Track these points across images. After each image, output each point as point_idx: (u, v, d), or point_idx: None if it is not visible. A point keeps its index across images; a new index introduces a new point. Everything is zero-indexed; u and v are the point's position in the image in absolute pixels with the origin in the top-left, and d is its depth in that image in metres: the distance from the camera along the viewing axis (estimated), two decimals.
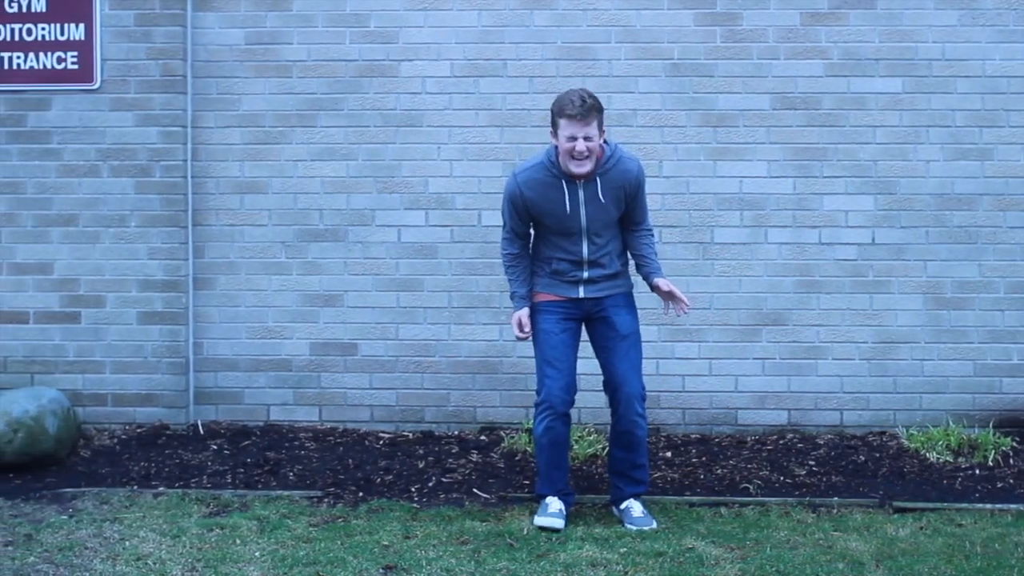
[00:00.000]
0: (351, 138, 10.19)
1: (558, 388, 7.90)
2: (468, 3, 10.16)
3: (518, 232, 8.06)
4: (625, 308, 8.05)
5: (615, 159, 7.90)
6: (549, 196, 7.86)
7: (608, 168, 7.86)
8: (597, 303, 8.00)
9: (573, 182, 7.83)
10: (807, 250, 10.09)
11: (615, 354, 7.98)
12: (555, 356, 7.94)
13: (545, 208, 7.89)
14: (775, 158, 10.08)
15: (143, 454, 9.50)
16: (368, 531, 7.77)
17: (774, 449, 9.70)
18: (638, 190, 7.98)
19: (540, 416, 7.98)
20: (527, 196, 7.89)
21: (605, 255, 7.97)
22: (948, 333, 10.07)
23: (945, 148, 10.03)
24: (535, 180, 7.90)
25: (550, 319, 8.00)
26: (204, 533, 7.74)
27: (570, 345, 8.01)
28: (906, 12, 10.03)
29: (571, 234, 7.90)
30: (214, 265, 10.24)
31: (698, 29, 10.10)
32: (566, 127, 7.70)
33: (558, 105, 7.80)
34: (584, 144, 7.67)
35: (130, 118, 10.10)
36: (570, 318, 8.02)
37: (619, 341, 7.98)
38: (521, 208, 7.95)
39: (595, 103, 7.75)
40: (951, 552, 7.35)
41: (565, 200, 7.83)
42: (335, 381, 10.24)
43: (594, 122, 7.71)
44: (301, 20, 10.19)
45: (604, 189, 7.84)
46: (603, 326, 8.03)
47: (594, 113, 7.71)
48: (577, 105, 7.68)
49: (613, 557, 7.23)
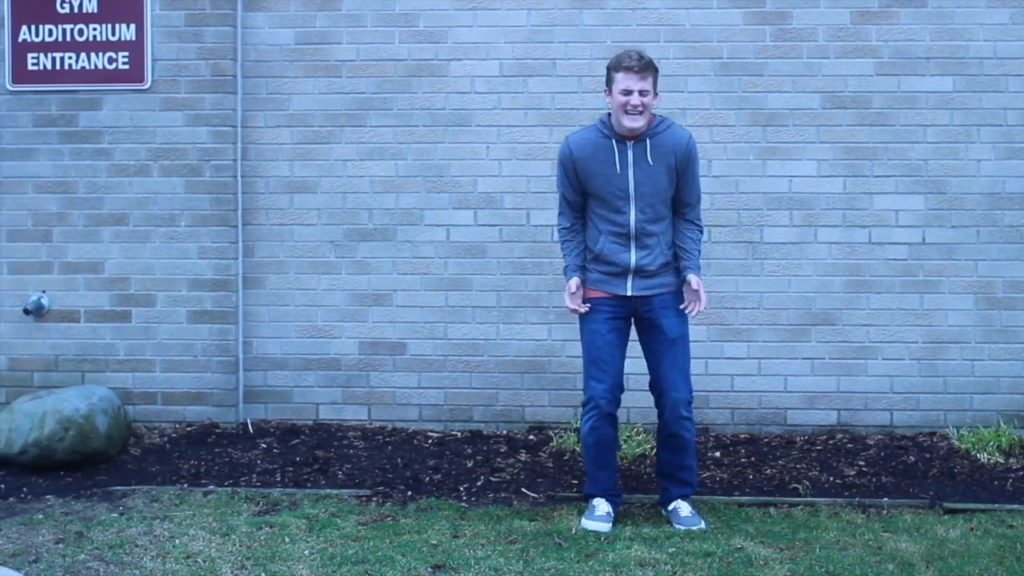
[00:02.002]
0: (400, 138, 10.20)
1: (604, 389, 7.89)
2: (517, 2, 10.16)
3: (570, 201, 8.04)
4: (674, 310, 7.99)
5: (666, 124, 7.94)
6: (599, 156, 7.87)
7: (659, 131, 7.88)
8: (645, 302, 7.96)
9: (623, 142, 7.84)
10: (857, 250, 10.05)
11: (663, 358, 7.95)
12: (601, 356, 7.93)
13: (594, 168, 7.88)
14: (825, 157, 10.05)
15: (193, 452, 9.54)
16: (417, 530, 7.78)
17: (823, 449, 9.66)
18: (688, 161, 7.94)
19: (586, 416, 7.97)
20: (576, 156, 7.91)
21: (652, 236, 7.90)
22: (999, 333, 10.02)
23: (996, 147, 9.98)
24: (586, 140, 7.95)
25: (598, 318, 7.97)
26: (253, 531, 7.76)
27: (617, 345, 7.99)
28: (957, 11, 9.98)
29: (619, 199, 7.85)
30: (263, 264, 10.27)
31: (747, 28, 10.07)
32: (622, 80, 7.75)
33: (615, 60, 7.86)
34: (639, 98, 7.71)
35: (180, 118, 10.15)
36: (618, 317, 7.99)
37: (667, 345, 7.94)
38: (571, 171, 7.95)
39: (652, 61, 7.84)
40: (1002, 553, 7.31)
41: (615, 159, 7.83)
42: (384, 380, 10.26)
43: (650, 78, 7.78)
44: (350, 20, 10.22)
45: (653, 152, 7.84)
46: (652, 328, 7.99)
47: (651, 69, 7.79)
48: (635, 59, 7.77)
49: (662, 557, 7.22)
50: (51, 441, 9.13)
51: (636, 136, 7.84)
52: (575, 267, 8.06)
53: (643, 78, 7.74)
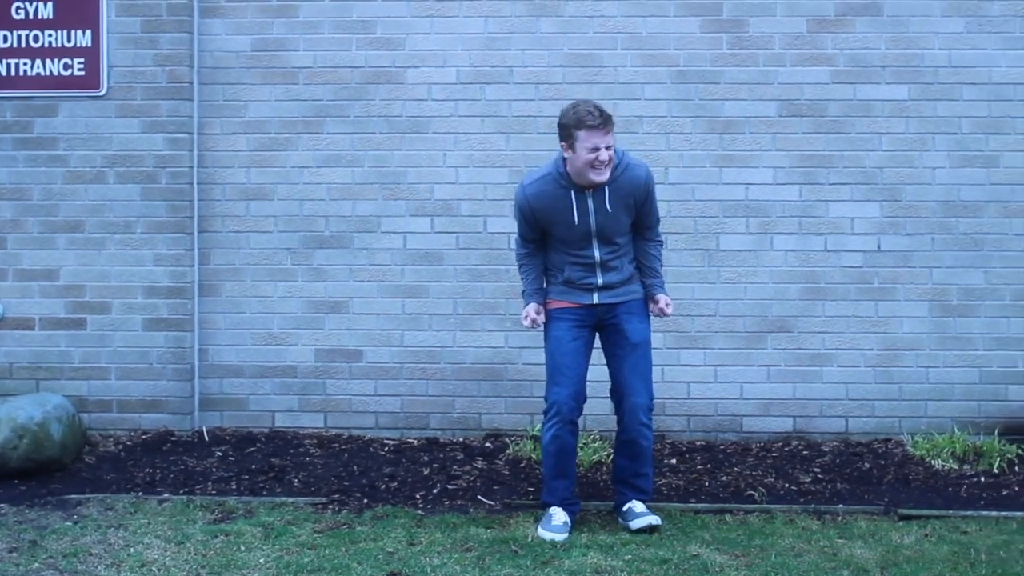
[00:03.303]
0: (357, 145, 10.20)
1: (566, 396, 7.87)
2: (474, 10, 10.17)
3: (528, 237, 8.07)
4: (638, 316, 8.03)
5: (623, 166, 7.89)
6: (557, 207, 7.85)
7: (617, 176, 7.85)
8: (610, 309, 7.98)
9: (582, 192, 7.83)
10: (813, 257, 10.09)
11: (624, 362, 7.96)
12: (565, 364, 7.92)
13: (554, 218, 7.88)
14: (781, 165, 10.08)
15: (148, 460, 9.50)
16: (372, 538, 7.76)
17: (779, 456, 9.69)
18: (647, 195, 7.97)
19: (548, 424, 7.95)
20: (535, 207, 7.89)
21: (618, 258, 7.96)
22: (953, 340, 10.07)
23: (951, 155, 10.03)
24: (543, 192, 7.90)
25: (562, 326, 7.98)
26: (209, 539, 7.73)
27: (581, 353, 7.99)
28: (913, 19, 10.03)
29: (582, 241, 7.88)
30: (220, 271, 10.25)
31: (704, 36, 10.10)
32: (588, 138, 7.67)
33: (575, 118, 7.75)
34: (607, 153, 7.69)
35: (136, 124, 10.12)
36: (583, 325, 7.99)
37: (629, 350, 7.96)
38: (530, 218, 7.95)
39: (608, 112, 7.80)
40: (956, 560, 7.34)
41: (573, 211, 7.83)
42: (340, 388, 10.25)
43: (611, 131, 7.74)
44: (307, 27, 10.21)
45: (612, 198, 7.83)
46: (614, 333, 8.01)
47: (610, 122, 7.76)
48: (597, 116, 7.70)
49: (618, 564, 7.22)
50: (5, 449, 9.08)
51: (595, 185, 7.84)
52: (533, 291, 8.11)
53: (607, 132, 7.69)
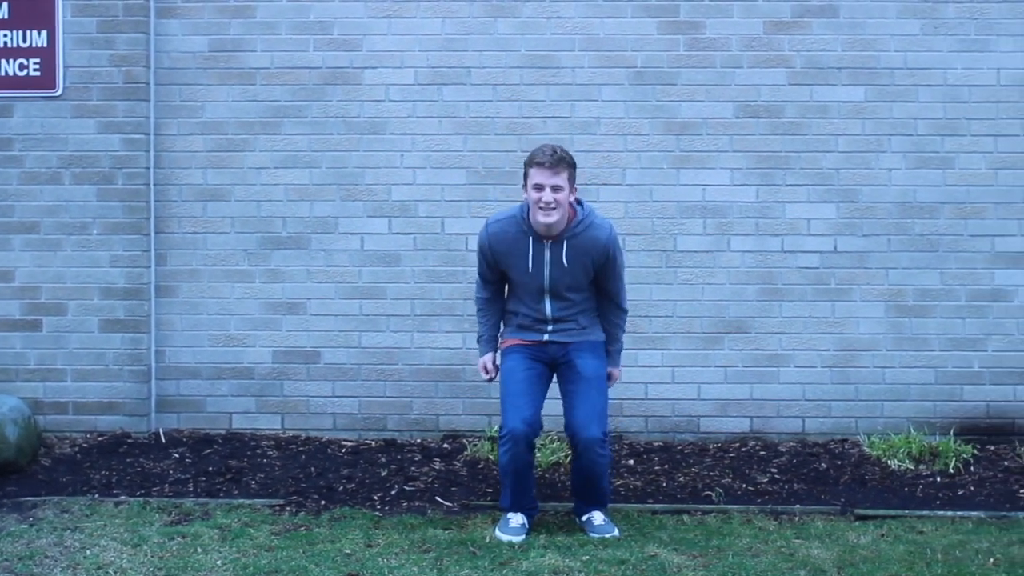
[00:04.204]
0: (314, 146, 10.18)
1: (519, 420, 7.78)
2: (432, 11, 10.17)
3: (487, 279, 8.08)
4: (591, 353, 7.99)
5: (585, 224, 7.85)
6: (515, 251, 7.86)
7: (577, 232, 7.82)
8: (563, 348, 7.97)
9: (540, 241, 7.82)
10: (769, 258, 10.12)
11: (576, 397, 7.88)
12: (518, 390, 7.88)
13: (510, 263, 7.89)
14: (738, 166, 10.11)
15: (104, 462, 9.46)
16: (330, 539, 7.75)
17: (736, 457, 9.72)
18: (607, 259, 7.89)
19: (504, 447, 7.87)
20: (494, 248, 7.91)
21: (572, 316, 7.95)
22: (909, 341, 10.11)
23: (907, 156, 10.08)
24: (505, 233, 7.89)
25: (516, 358, 7.99)
26: (165, 542, 7.70)
27: (534, 381, 7.94)
28: (869, 21, 10.07)
29: (534, 292, 7.90)
30: (176, 273, 10.21)
31: (661, 37, 10.12)
32: (535, 175, 7.67)
33: (529, 156, 7.78)
34: (551, 194, 7.63)
35: (92, 125, 10.07)
36: (536, 359, 7.98)
37: (581, 384, 7.88)
38: (489, 258, 7.96)
39: (567, 156, 7.74)
40: (912, 559, 7.38)
41: (529, 259, 7.83)
42: (298, 389, 10.23)
43: (564, 174, 7.67)
44: (264, 27, 10.18)
45: (569, 253, 7.80)
46: (567, 369, 7.97)
47: (564, 165, 7.68)
48: (548, 154, 7.67)
49: (576, 565, 7.23)
50: None
51: (554, 236, 7.80)
52: (488, 339, 8.19)
53: (556, 173, 7.63)
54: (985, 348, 10.11)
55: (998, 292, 10.10)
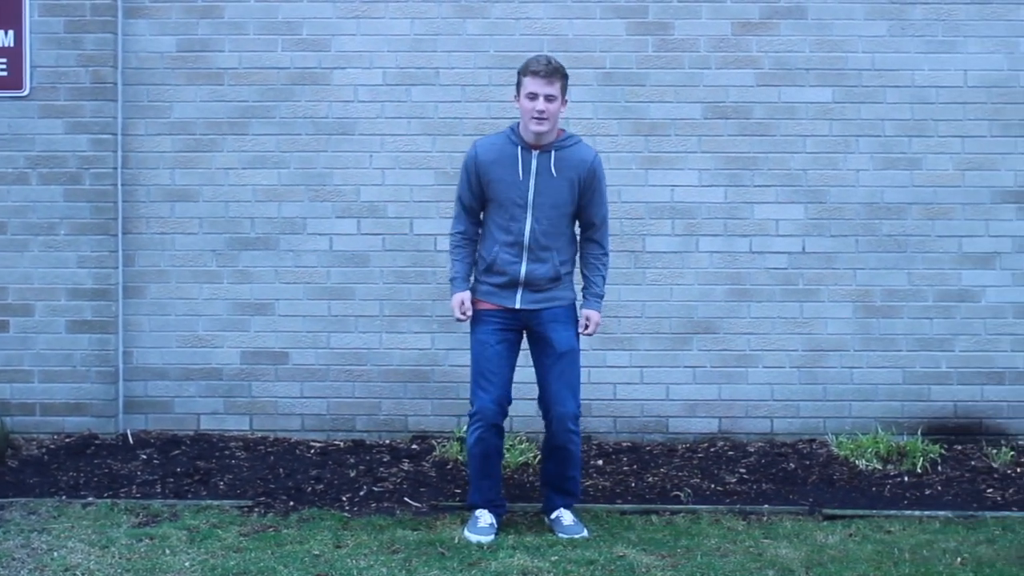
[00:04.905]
0: (283, 146, 10.16)
1: (490, 400, 7.83)
2: (401, 11, 10.16)
3: (468, 207, 8.00)
4: (563, 324, 7.96)
5: (574, 140, 7.94)
6: (503, 161, 7.84)
7: (566, 145, 7.88)
8: (535, 316, 7.92)
9: (529, 151, 7.83)
10: (738, 259, 10.14)
11: (551, 372, 7.90)
12: (490, 368, 7.87)
13: (496, 173, 7.84)
14: (706, 167, 10.13)
15: (72, 464, 9.42)
16: (299, 540, 7.74)
17: (705, 457, 9.73)
18: (592, 178, 7.93)
19: (472, 427, 7.91)
20: (481, 160, 7.88)
21: (546, 250, 7.87)
22: (877, 341, 10.15)
23: (874, 157, 10.11)
24: (493, 144, 7.93)
25: (487, 329, 7.94)
26: (133, 543, 7.68)
27: (505, 356, 7.93)
28: (836, 22, 10.10)
29: (516, 207, 7.83)
30: (144, 273, 10.18)
31: (630, 38, 10.13)
32: (529, 84, 7.73)
33: (524, 64, 7.84)
34: (544, 104, 7.70)
35: (60, 125, 10.03)
36: (508, 329, 7.94)
37: (555, 359, 7.90)
38: (473, 174, 7.91)
39: (561, 67, 7.82)
40: (880, 559, 7.40)
41: (518, 164, 7.82)
42: (266, 390, 10.21)
43: (557, 84, 7.74)
44: (233, 27, 10.16)
45: (558, 164, 7.82)
46: (541, 342, 7.96)
47: (558, 75, 7.76)
48: (543, 63, 7.75)
49: (544, 565, 7.23)
50: None
51: (543, 146, 7.84)
52: (463, 277, 8.02)
53: (550, 83, 7.71)
54: (952, 348, 10.15)
55: (965, 292, 10.14)
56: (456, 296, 7.99)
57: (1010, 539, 7.87)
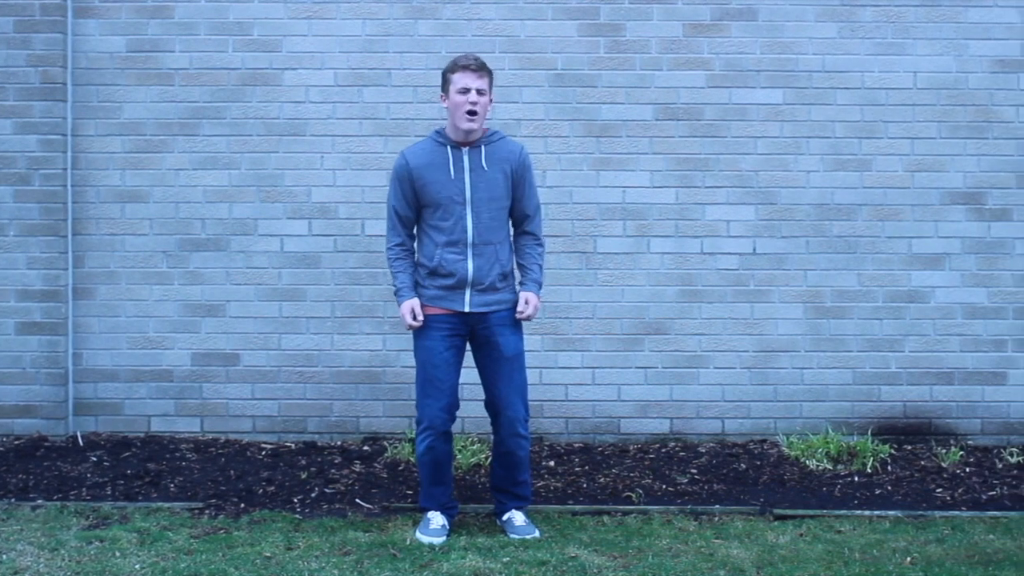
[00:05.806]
0: (233, 147, 10.13)
1: (440, 409, 7.84)
2: (352, 12, 10.14)
3: (402, 217, 7.96)
4: (510, 327, 7.97)
5: (500, 135, 8.01)
6: (435, 162, 7.86)
7: (493, 140, 7.94)
8: (483, 319, 7.91)
9: (458, 149, 7.87)
10: (689, 260, 10.16)
11: (499, 377, 7.91)
12: (437, 375, 7.86)
13: (430, 175, 7.84)
14: (657, 168, 10.15)
15: (21, 466, 9.37)
16: (250, 542, 7.71)
17: (656, 457, 9.75)
18: (523, 169, 7.98)
19: (421, 436, 7.92)
20: (412, 166, 7.87)
21: (489, 245, 7.87)
22: (827, 342, 10.19)
23: (825, 159, 10.15)
24: (422, 149, 7.94)
25: (435, 335, 7.91)
26: (83, 546, 7.64)
27: (453, 364, 7.92)
28: (787, 24, 10.14)
29: (456, 204, 7.82)
30: (94, 275, 10.13)
31: (581, 39, 10.15)
32: (460, 79, 7.79)
33: (451, 63, 7.91)
34: (476, 96, 7.76)
35: (8, 126, 9.98)
36: (455, 334, 7.92)
37: (504, 364, 7.91)
38: (406, 181, 7.89)
39: (487, 64, 7.90)
40: (830, 559, 7.44)
41: (450, 165, 7.84)
42: (217, 391, 10.18)
43: (486, 79, 7.85)
44: (183, 28, 10.12)
45: (489, 158, 7.87)
46: (487, 346, 7.95)
47: (486, 71, 7.86)
48: (472, 58, 7.86)
49: (496, 567, 7.23)
50: None
51: (471, 143, 7.87)
52: (409, 287, 7.96)
53: (480, 77, 7.79)
54: (902, 349, 10.20)
55: (915, 293, 10.19)
56: (406, 303, 7.92)
57: (959, 538, 7.92)
